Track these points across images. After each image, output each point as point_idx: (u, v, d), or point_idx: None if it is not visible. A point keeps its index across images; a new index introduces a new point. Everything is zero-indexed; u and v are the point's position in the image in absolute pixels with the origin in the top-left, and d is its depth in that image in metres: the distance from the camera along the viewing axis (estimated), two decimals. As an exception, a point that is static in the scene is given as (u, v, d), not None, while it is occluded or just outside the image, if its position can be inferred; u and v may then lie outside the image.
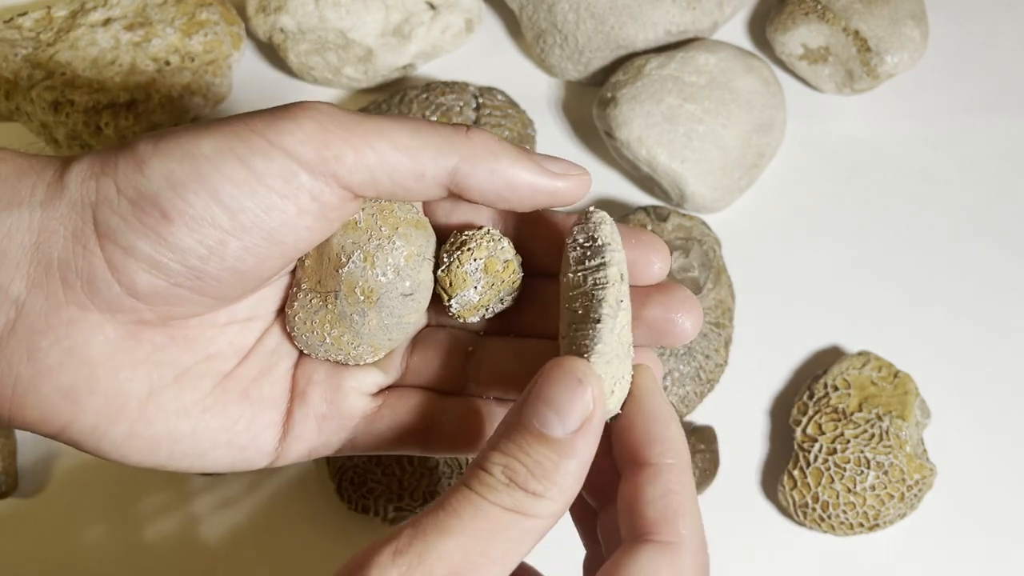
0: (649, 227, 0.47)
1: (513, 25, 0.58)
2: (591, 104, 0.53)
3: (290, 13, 0.52)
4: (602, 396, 0.25)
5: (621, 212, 0.51)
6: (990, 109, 0.55)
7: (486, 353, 0.30)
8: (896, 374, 0.46)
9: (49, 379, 0.25)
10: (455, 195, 0.27)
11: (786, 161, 0.54)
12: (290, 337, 0.30)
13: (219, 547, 0.46)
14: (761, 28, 0.57)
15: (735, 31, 0.58)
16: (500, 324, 0.31)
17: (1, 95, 0.51)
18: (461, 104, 0.51)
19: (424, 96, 0.51)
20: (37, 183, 0.25)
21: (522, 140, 0.51)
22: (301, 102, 0.26)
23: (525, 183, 0.27)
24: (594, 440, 0.24)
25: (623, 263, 0.27)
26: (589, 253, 0.27)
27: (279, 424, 0.29)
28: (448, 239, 0.30)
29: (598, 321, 0.26)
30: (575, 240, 0.28)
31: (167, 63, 0.52)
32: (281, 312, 0.30)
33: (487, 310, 0.30)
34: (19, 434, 0.47)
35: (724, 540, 0.46)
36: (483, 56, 0.57)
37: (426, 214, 0.30)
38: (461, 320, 0.30)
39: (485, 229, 0.29)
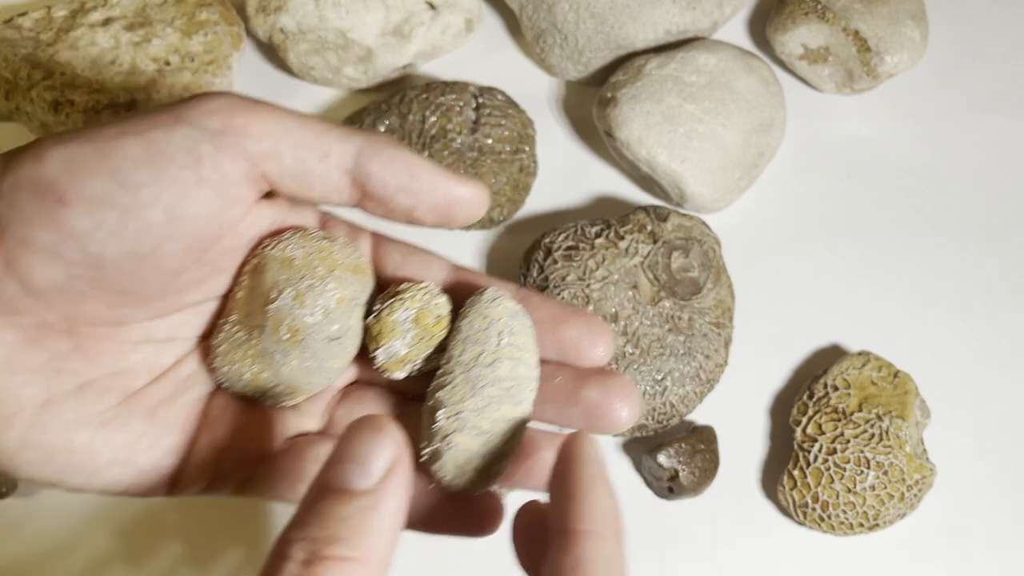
0: (649, 227, 0.47)
1: (513, 25, 0.58)
2: (591, 104, 0.53)
3: (290, 13, 0.52)
4: (404, 444, 0.23)
5: (621, 212, 0.51)
6: (990, 109, 0.55)
7: (411, 419, 0.28)
8: (896, 374, 0.46)
9: None
10: (359, 194, 0.27)
11: (786, 161, 0.54)
12: (211, 368, 0.29)
13: (219, 547, 0.46)
14: (761, 28, 0.57)
15: (735, 31, 0.58)
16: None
17: (1, 95, 0.51)
18: (461, 104, 0.51)
19: (424, 96, 0.51)
20: None
21: (522, 140, 0.51)
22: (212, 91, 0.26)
23: (427, 173, 0.27)
24: (403, 489, 0.22)
25: (484, 343, 0.28)
26: (468, 325, 0.28)
27: (183, 448, 0.28)
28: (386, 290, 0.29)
29: (440, 382, 0.27)
30: (462, 312, 0.29)
31: (167, 63, 0.52)
32: (203, 340, 0.29)
33: (414, 366, 0.29)
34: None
35: (724, 540, 0.46)
36: (483, 56, 0.57)
37: (375, 264, 0.30)
38: (387, 375, 0.29)
39: (426, 284, 0.29)
